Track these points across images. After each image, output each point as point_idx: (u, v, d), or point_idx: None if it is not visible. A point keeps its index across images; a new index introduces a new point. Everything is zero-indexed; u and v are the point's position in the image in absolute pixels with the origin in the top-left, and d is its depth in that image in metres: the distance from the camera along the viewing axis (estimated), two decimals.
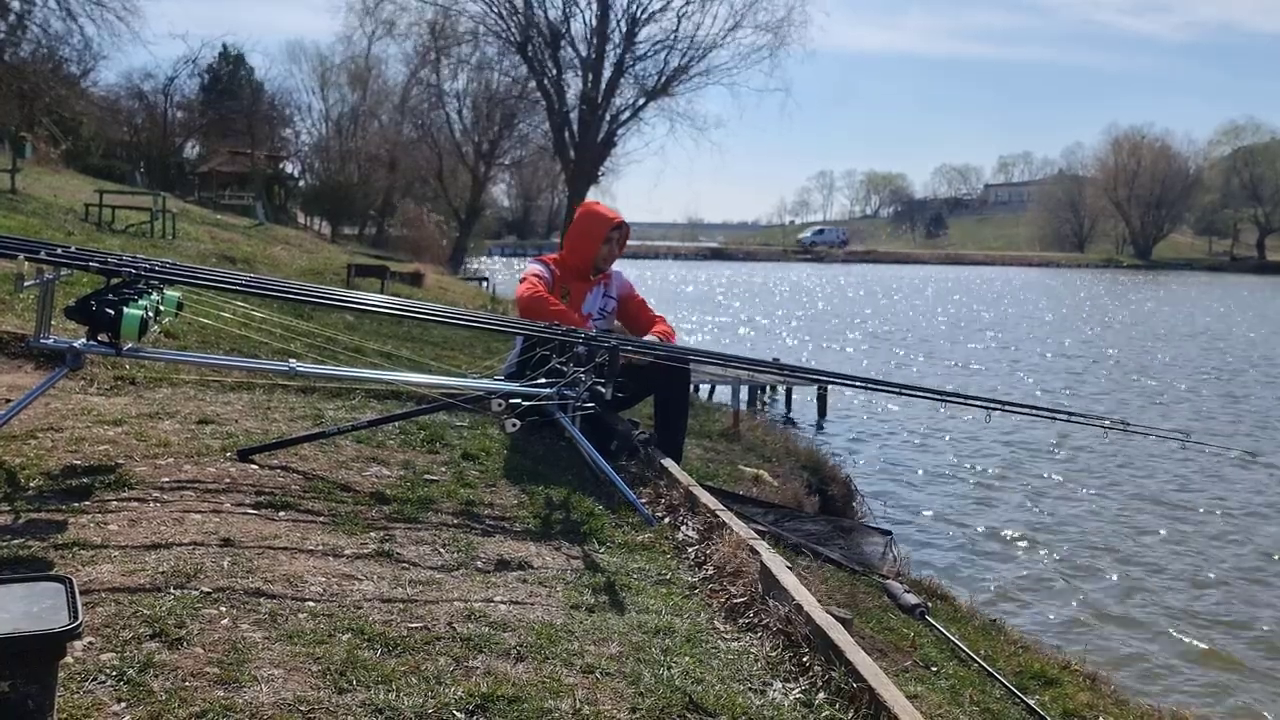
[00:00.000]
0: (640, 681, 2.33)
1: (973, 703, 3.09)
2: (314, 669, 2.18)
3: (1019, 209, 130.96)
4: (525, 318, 4.54)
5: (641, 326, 4.90)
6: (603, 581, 3.01)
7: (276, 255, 18.37)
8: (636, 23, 34.30)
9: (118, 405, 4.37)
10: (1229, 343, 27.31)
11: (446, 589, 2.79)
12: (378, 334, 7.93)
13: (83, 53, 30.64)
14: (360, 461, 3.97)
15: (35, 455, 3.46)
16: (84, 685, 1.98)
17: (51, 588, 1.76)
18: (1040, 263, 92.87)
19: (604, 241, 4.78)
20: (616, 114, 35.40)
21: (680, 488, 4.02)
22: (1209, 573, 8.09)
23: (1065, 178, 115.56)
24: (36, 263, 3.28)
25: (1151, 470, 11.65)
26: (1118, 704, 3.99)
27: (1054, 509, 9.99)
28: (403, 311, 4.27)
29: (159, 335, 4.26)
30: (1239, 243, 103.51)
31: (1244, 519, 9.73)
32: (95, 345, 3.31)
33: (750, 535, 3.40)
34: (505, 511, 3.64)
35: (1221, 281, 65.92)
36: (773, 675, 2.54)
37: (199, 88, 43.16)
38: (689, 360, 4.74)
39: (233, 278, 4.00)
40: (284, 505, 3.32)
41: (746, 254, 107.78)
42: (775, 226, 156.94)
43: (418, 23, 35.52)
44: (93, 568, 2.57)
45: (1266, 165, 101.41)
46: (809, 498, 6.66)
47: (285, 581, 2.66)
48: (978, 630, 4.35)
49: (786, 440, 8.76)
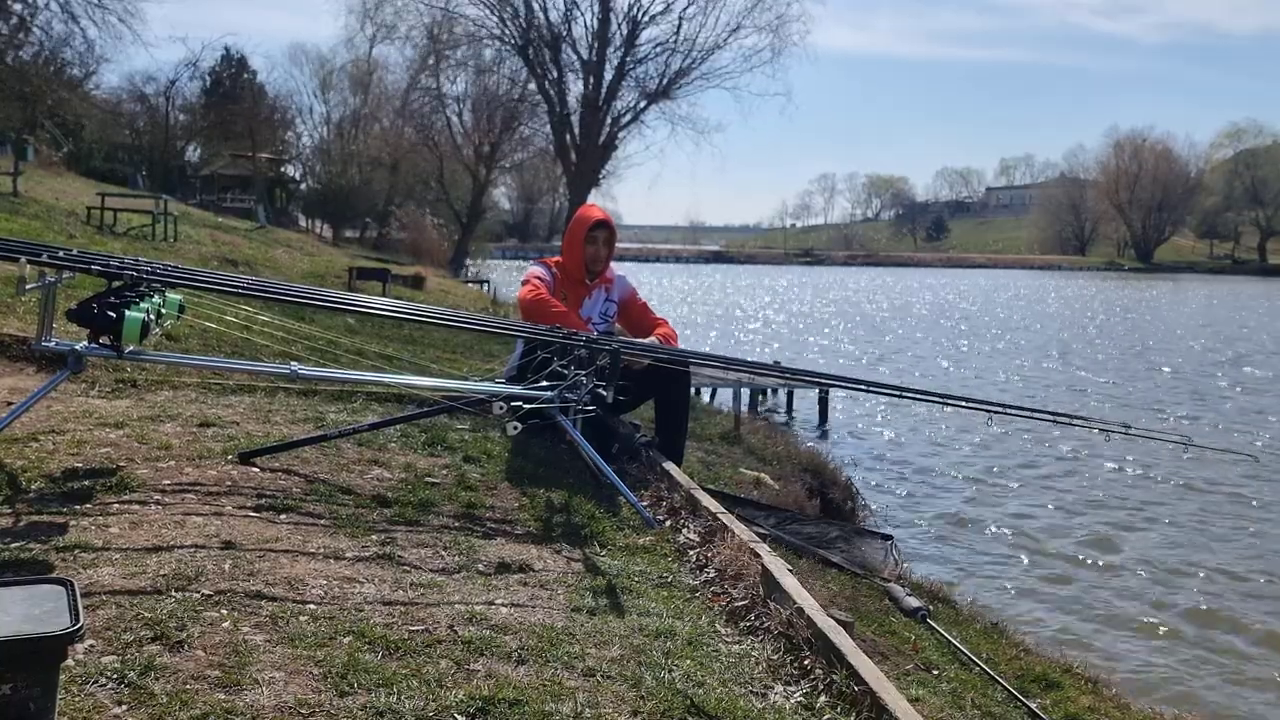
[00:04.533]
0: (641, 684, 2.33)
1: (974, 706, 3.09)
2: (315, 672, 2.18)
3: (1021, 212, 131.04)
4: (527, 320, 4.54)
5: (643, 330, 4.90)
6: (604, 584, 3.00)
7: (278, 258, 18.38)
8: (637, 25, 34.28)
9: (119, 408, 4.37)
10: (1241, 343, 27.29)
11: (448, 592, 2.79)
12: (379, 337, 7.93)
13: (85, 55, 30.74)
14: (361, 464, 3.97)
15: (37, 458, 3.46)
16: (85, 688, 1.98)
17: (53, 590, 1.76)
18: (1042, 266, 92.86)
19: (587, 242, 4.77)
20: (617, 117, 35.37)
21: (681, 490, 4.02)
22: (1212, 575, 8.08)
23: (1067, 181, 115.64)
24: (38, 266, 3.28)
25: (1154, 472, 11.64)
26: (1119, 708, 3.98)
27: (1056, 512, 9.98)
28: (404, 314, 4.26)
29: (160, 338, 4.26)
30: (1240, 246, 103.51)
31: (1248, 521, 9.72)
32: (97, 348, 3.31)
33: (751, 538, 3.40)
34: (506, 514, 3.64)
35: (1223, 284, 65.88)
36: (774, 678, 2.54)
37: (201, 91, 43.21)
38: (690, 363, 4.74)
39: (234, 281, 4.00)
40: (285, 508, 3.32)
41: (748, 257, 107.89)
42: (776, 230, 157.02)
43: (417, 26, 35.52)
44: (94, 570, 2.57)
45: (1268, 168, 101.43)
46: (810, 501, 6.66)
47: (286, 584, 2.66)
48: (979, 633, 4.35)
49: (787, 443, 8.76)
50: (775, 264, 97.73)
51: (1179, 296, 51.09)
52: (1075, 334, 30.45)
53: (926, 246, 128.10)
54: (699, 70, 34.42)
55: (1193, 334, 30.85)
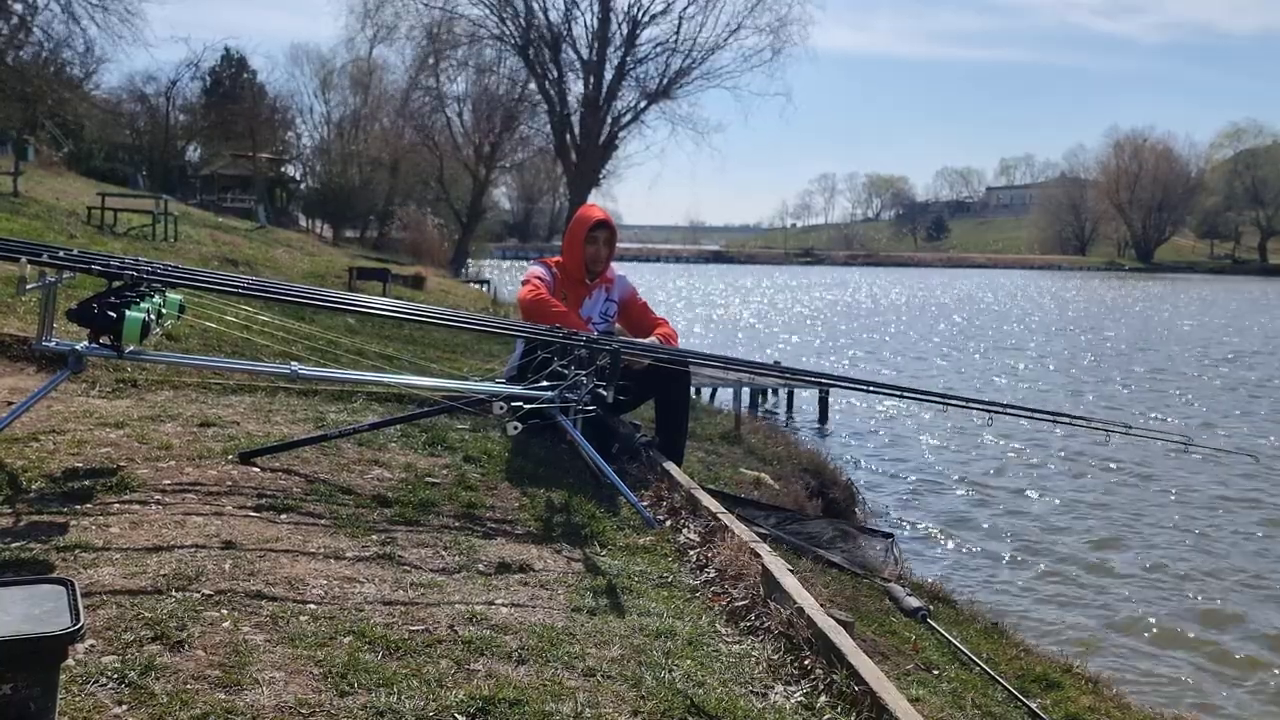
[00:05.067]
0: (642, 684, 2.33)
1: (975, 706, 3.09)
2: (315, 672, 2.18)
3: (1021, 212, 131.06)
4: (527, 320, 4.54)
5: (644, 330, 4.91)
6: (604, 584, 3.00)
7: (278, 258, 18.38)
8: (638, 25, 34.30)
9: (119, 408, 4.37)
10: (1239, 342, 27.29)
11: (448, 591, 2.79)
12: (379, 337, 7.94)
13: (85, 56, 30.80)
14: (362, 464, 3.97)
15: (37, 458, 3.46)
16: (85, 688, 1.98)
17: (53, 590, 1.76)
18: (1042, 266, 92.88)
19: (587, 242, 4.77)
20: (617, 116, 35.39)
21: (682, 490, 4.02)
22: (1213, 575, 8.07)
23: (1067, 180, 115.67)
24: (39, 265, 3.28)
25: (1155, 473, 11.64)
26: (1120, 708, 3.98)
27: (1056, 512, 9.98)
28: (404, 314, 4.26)
29: (161, 338, 4.26)
30: (1241, 245, 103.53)
31: (1248, 521, 9.71)
32: (97, 348, 3.31)
33: (752, 538, 3.40)
34: (506, 514, 3.64)
35: (1223, 284, 65.87)
36: (774, 678, 2.54)
37: (201, 91, 43.24)
38: (690, 363, 4.74)
39: (234, 281, 4.00)
40: (285, 508, 3.32)
41: (748, 257, 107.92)
42: (776, 229, 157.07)
43: (417, 26, 35.51)
44: (94, 570, 2.57)
45: (1269, 168, 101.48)
46: (810, 500, 6.66)
47: (287, 584, 2.66)
48: (980, 633, 4.35)
49: (788, 443, 8.76)
50: (775, 264, 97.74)
51: (1182, 298, 51.06)
52: (1075, 334, 30.46)
53: (927, 246, 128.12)
54: (699, 70, 34.50)
55: (1193, 334, 30.85)
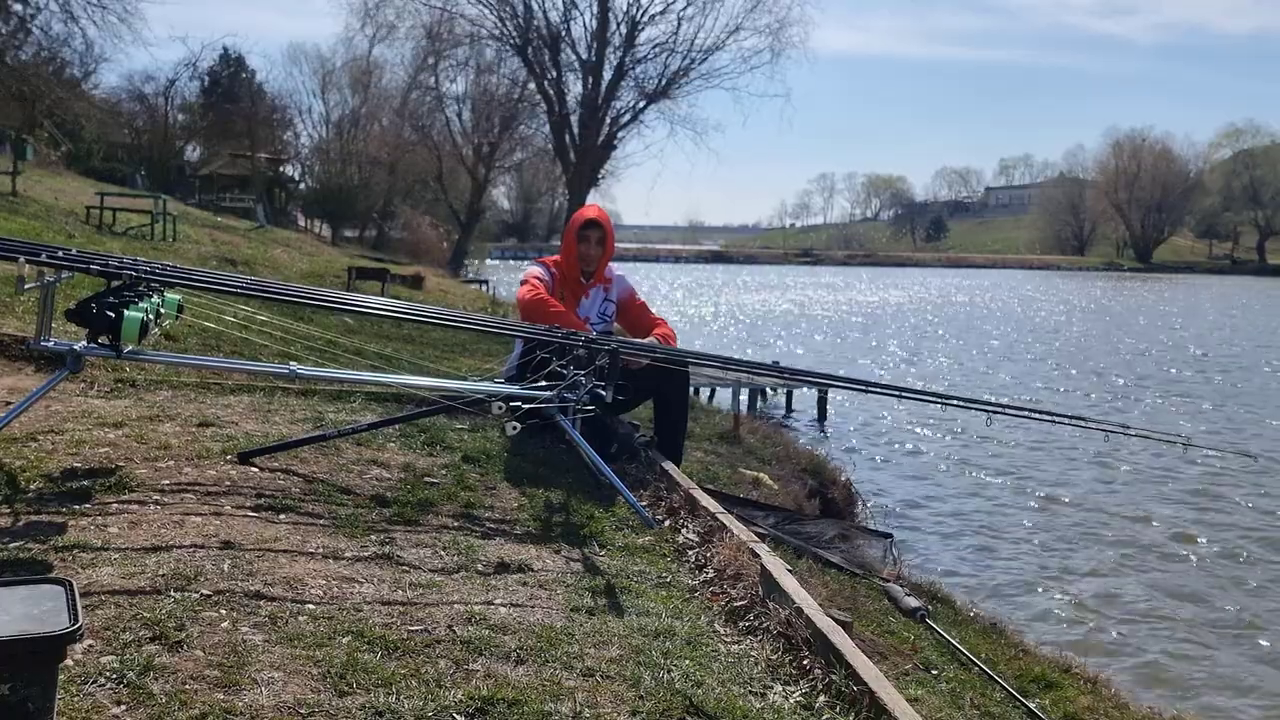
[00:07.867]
0: (640, 684, 2.33)
1: (973, 706, 3.09)
2: (314, 672, 2.18)
3: (1020, 212, 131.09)
4: (526, 320, 4.54)
5: (642, 329, 4.91)
6: (603, 584, 3.00)
7: (277, 258, 18.37)
8: (636, 25, 34.26)
9: (118, 408, 4.37)
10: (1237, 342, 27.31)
11: (447, 592, 2.78)
12: (378, 336, 7.94)
13: (84, 55, 30.74)
14: (360, 464, 3.97)
15: (35, 458, 3.46)
16: (84, 688, 1.98)
17: (52, 590, 1.76)
18: (1041, 266, 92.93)
19: (580, 241, 4.78)
20: (617, 117, 35.37)
21: (680, 490, 4.02)
22: (1212, 575, 8.08)
23: (1066, 180, 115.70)
24: (37, 265, 3.28)
25: (1154, 473, 11.64)
26: (1118, 707, 3.99)
27: (1055, 512, 9.98)
28: (403, 314, 4.26)
29: (159, 338, 4.26)
30: (1239, 246, 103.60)
31: (1248, 521, 9.72)
32: (96, 348, 3.31)
33: (751, 538, 3.40)
34: (505, 514, 3.64)
35: (1224, 284, 65.90)
36: (773, 678, 2.54)
37: (200, 90, 43.19)
38: (689, 363, 4.74)
39: (233, 280, 3.99)
40: (284, 508, 3.31)
41: (747, 257, 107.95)
42: (776, 229, 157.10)
43: (416, 26, 35.50)
44: (93, 570, 2.57)
45: (1267, 168, 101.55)
46: (809, 500, 6.66)
47: (285, 584, 2.66)
48: (978, 633, 4.35)
49: (787, 443, 8.75)
50: (775, 263, 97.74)
51: (1189, 299, 51.10)
52: (1075, 334, 30.47)
53: (926, 246, 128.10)
54: (698, 71, 34.48)
55: (1194, 334, 30.87)
